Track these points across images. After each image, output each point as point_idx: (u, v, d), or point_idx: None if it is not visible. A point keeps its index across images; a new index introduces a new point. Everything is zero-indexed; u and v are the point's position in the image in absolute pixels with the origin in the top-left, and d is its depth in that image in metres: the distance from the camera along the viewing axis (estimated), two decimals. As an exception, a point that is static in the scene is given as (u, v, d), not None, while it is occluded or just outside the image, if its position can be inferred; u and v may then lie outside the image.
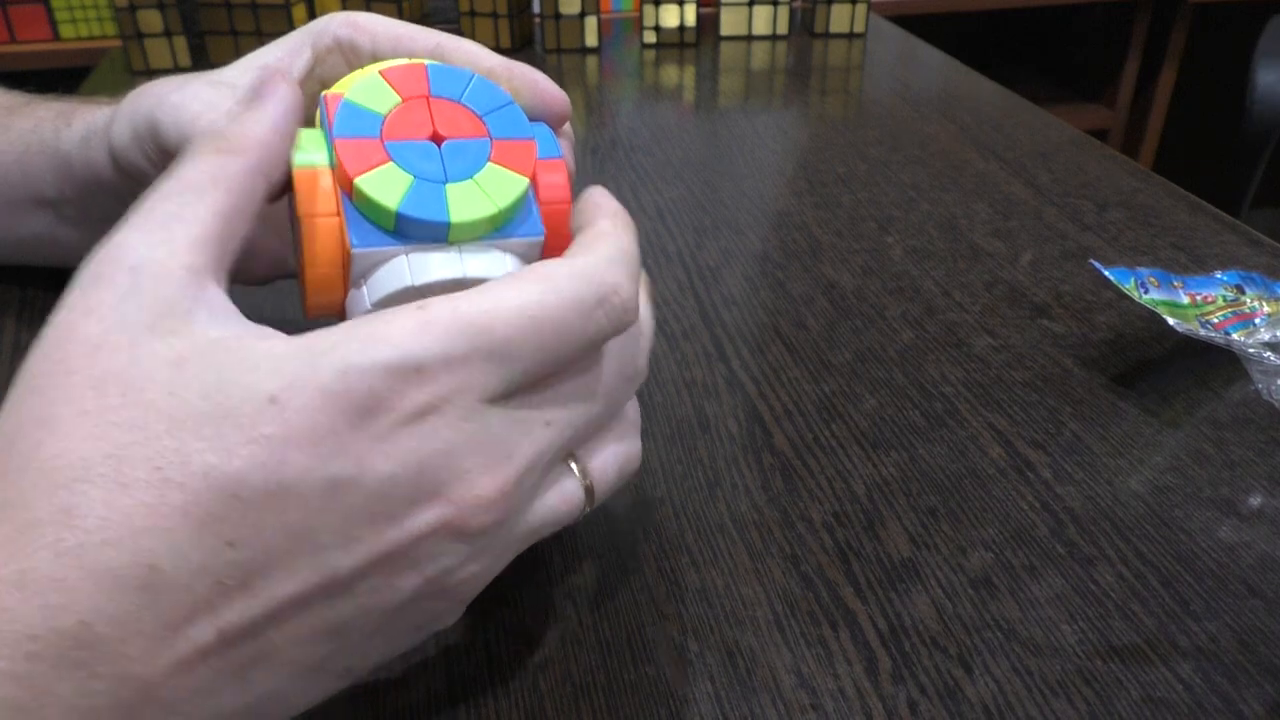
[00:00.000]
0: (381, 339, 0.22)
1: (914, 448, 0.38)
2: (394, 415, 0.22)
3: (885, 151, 0.65)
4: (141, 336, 0.22)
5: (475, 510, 0.23)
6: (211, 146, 0.25)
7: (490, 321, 0.23)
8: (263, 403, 0.21)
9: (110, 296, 0.22)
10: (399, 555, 0.23)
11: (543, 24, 0.88)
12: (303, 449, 0.21)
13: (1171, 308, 0.41)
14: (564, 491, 0.26)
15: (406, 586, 0.23)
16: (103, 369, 0.21)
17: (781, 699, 0.28)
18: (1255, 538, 0.33)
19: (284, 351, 0.22)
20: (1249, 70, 1.29)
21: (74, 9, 1.34)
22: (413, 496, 0.23)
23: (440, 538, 0.23)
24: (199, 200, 0.24)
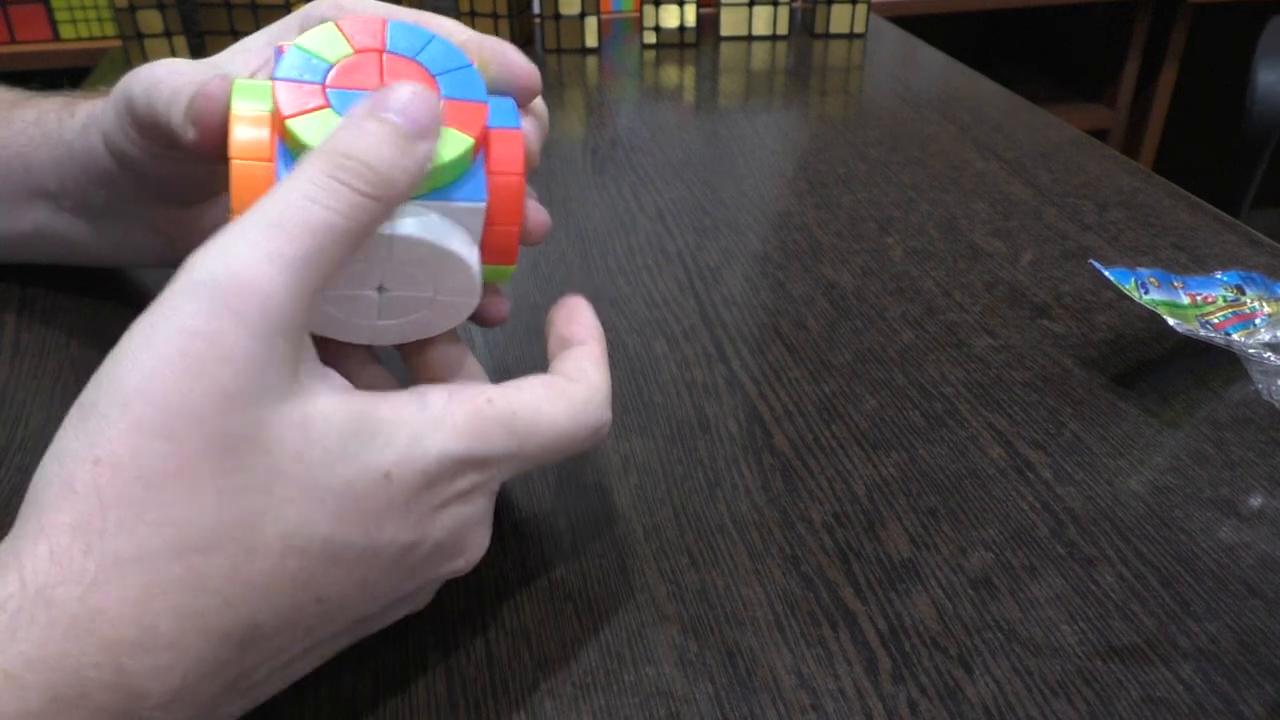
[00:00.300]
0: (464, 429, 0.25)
1: (914, 448, 0.38)
2: (453, 492, 0.25)
3: (885, 152, 0.65)
4: (270, 396, 0.22)
5: (474, 561, 0.28)
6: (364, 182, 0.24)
7: (533, 433, 0.27)
8: (378, 478, 0.23)
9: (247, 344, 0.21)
10: (416, 593, 0.27)
11: (543, 24, 0.88)
12: (396, 519, 0.24)
13: (1172, 308, 0.41)
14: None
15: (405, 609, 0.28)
16: (238, 427, 0.21)
17: (781, 699, 0.28)
18: (1255, 538, 0.33)
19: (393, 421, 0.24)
20: (1249, 70, 1.29)
21: (74, 9, 1.34)
22: (447, 556, 0.27)
23: (445, 578, 0.28)
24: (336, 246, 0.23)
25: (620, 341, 0.44)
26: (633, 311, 0.47)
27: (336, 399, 0.24)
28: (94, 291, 0.47)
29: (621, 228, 0.55)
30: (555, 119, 0.30)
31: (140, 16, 0.81)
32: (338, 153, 0.24)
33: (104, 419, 0.21)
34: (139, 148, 0.35)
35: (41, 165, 0.41)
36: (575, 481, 0.36)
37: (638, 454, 0.37)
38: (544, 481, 0.36)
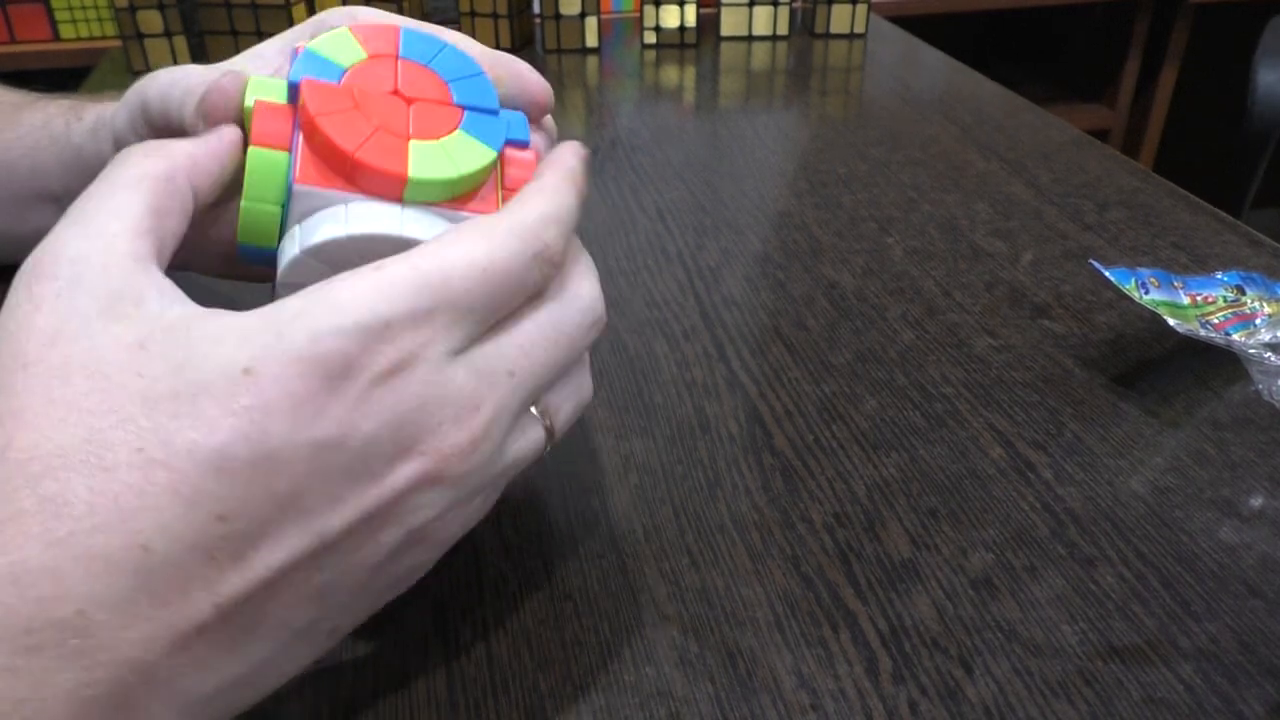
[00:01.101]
0: (346, 302, 0.22)
1: (914, 448, 0.38)
2: (368, 375, 0.22)
3: (886, 152, 0.65)
4: (96, 323, 0.22)
5: (450, 460, 0.24)
6: (140, 151, 0.25)
7: (446, 276, 0.23)
8: (237, 375, 0.21)
9: (54, 288, 0.22)
10: (383, 511, 0.23)
11: (543, 24, 0.88)
12: (283, 417, 0.21)
13: (1172, 308, 0.41)
14: (528, 435, 0.27)
15: (389, 540, 0.24)
16: (63, 357, 0.21)
17: (782, 700, 0.28)
18: (1256, 538, 0.33)
19: (248, 324, 0.22)
20: (1249, 70, 1.29)
21: (74, 9, 1.34)
22: (392, 453, 0.23)
23: (419, 490, 0.24)
24: (128, 196, 0.24)
25: (620, 341, 0.44)
26: (633, 311, 0.47)
27: (184, 313, 0.23)
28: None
29: (621, 228, 0.55)
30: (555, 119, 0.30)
31: (140, 16, 0.81)
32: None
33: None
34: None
35: (47, 168, 0.41)
36: (575, 481, 0.36)
37: (638, 454, 0.37)
38: (544, 482, 0.36)
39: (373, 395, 0.22)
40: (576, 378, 0.28)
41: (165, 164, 0.25)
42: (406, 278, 0.23)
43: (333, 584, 0.24)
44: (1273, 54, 1.29)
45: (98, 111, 0.39)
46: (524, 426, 0.27)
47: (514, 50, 0.89)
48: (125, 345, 0.22)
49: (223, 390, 0.21)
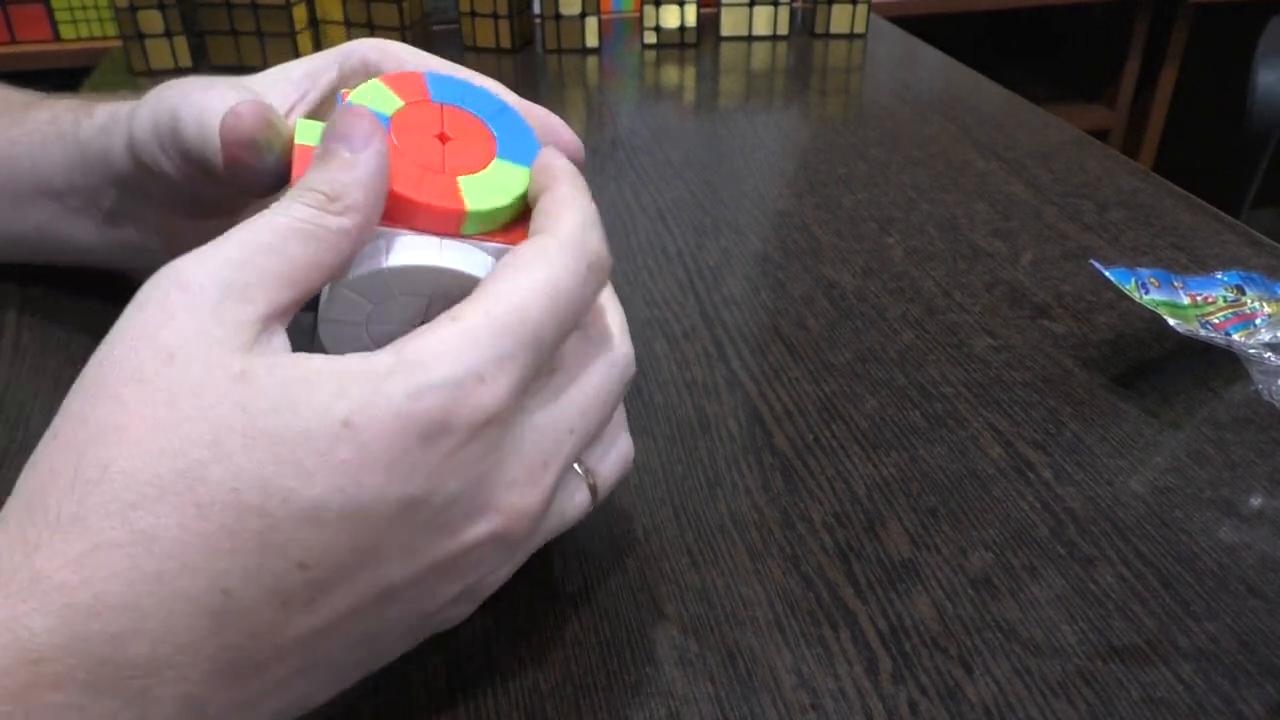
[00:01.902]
0: (438, 356, 0.22)
1: (914, 448, 0.38)
2: (460, 431, 0.22)
3: (886, 152, 0.65)
4: (214, 350, 0.22)
5: (520, 520, 0.24)
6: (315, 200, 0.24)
7: (523, 314, 0.23)
8: (337, 426, 0.21)
9: (191, 304, 0.22)
10: (450, 564, 0.24)
11: (543, 24, 0.88)
12: (379, 473, 0.21)
13: (1172, 308, 0.41)
14: (575, 495, 0.27)
15: (448, 593, 0.24)
16: (177, 380, 0.21)
17: (782, 699, 0.28)
18: (1256, 538, 0.33)
19: (345, 371, 0.22)
20: (1249, 70, 1.29)
21: (74, 9, 1.34)
22: (470, 510, 0.23)
23: (487, 546, 0.24)
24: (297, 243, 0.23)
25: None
26: (633, 311, 0.47)
27: (285, 356, 0.22)
28: (94, 291, 0.47)
29: (621, 228, 0.55)
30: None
31: (140, 16, 0.81)
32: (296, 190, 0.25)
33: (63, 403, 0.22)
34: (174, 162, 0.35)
35: (52, 164, 0.41)
36: (575, 481, 0.36)
37: (638, 454, 0.37)
38: (544, 481, 0.36)
39: (462, 452, 0.23)
40: (620, 439, 0.29)
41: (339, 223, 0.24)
42: (483, 324, 0.23)
43: (386, 630, 0.24)
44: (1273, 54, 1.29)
45: (110, 110, 0.39)
46: (571, 487, 0.27)
47: (514, 50, 0.89)
48: (230, 374, 0.21)
49: (323, 442, 0.21)
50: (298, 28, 0.82)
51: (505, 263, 0.25)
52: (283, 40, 0.82)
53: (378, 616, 0.23)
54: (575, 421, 0.26)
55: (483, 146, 0.28)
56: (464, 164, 0.27)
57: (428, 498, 0.22)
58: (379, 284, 0.26)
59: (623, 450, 0.29)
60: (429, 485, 0.22)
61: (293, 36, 0.82)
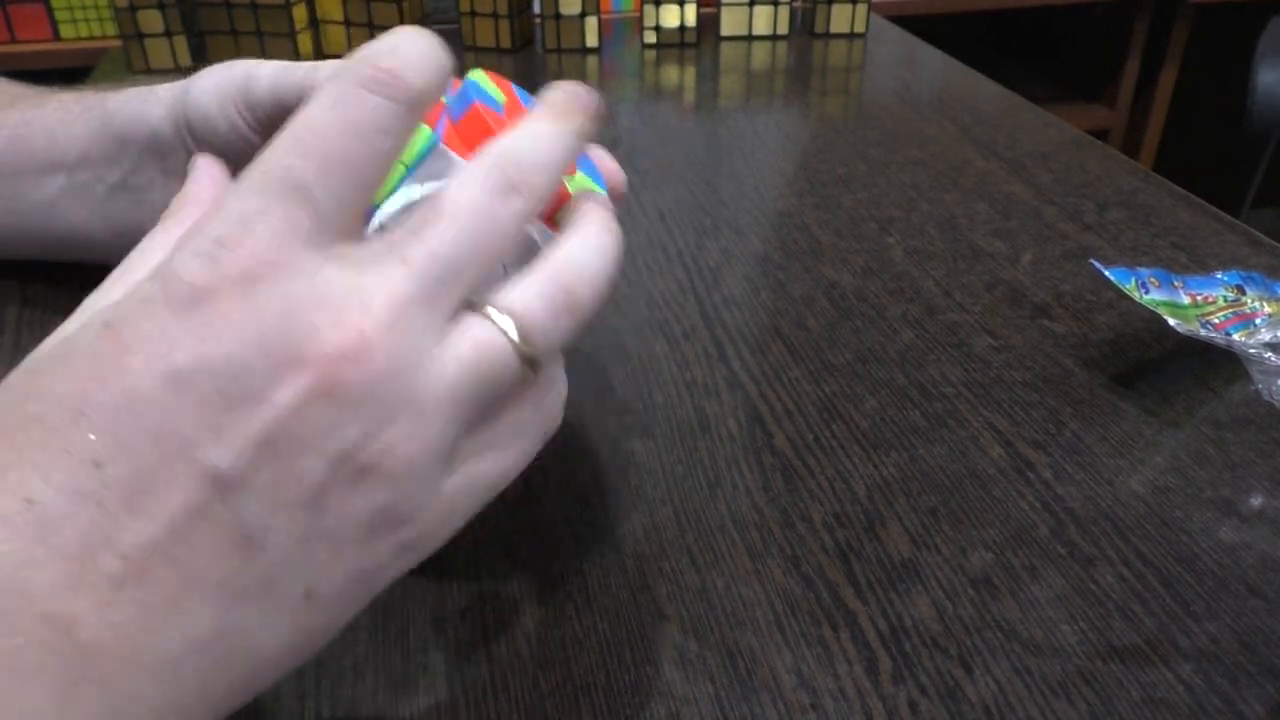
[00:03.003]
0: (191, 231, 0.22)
1: (914, 448, 0.38)
2: (219, 292, 0.21)
3: (885, 152, 0.65)
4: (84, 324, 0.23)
5: (339, 367, 0.21)
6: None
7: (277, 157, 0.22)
8: (100, 330, 0.22)
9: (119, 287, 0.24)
10: (281, 436, 0.21)
11: (543, 24, 0.88)
12: (136, 354, 0.21)
13: (1172, 308, 0.41)
14: (475, 337, 0.23)
15: (310, 471, 0.22)
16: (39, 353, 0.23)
17: (782, 699, 0.28)
18: (1256, 538, 0.33)
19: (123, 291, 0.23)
20: (1249, 70, 1.29)
21: (74, 9, 1.34)
22: (266, 370, 0.21)
23: (315, 406, 0.21)
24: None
25: (620, 342, 0.44)
26: (633, 311, 0.47)
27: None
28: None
29: (622, 228, 0.55)
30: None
31: (140, 16, 0.81)
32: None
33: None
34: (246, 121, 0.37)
35: (69, 135, 0.43)
36: (575, 482, 0.36)
37: (638, 454, 0.37)
38: (544, 482, 0.36)
39: (223, 310, 0.21)
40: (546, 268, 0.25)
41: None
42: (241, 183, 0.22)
43: (261, 526, 0.22)
44: (1273, 54, 1.29)
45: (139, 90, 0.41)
46: (466, 329, 0.23)
47: (514, 50, 0.89)
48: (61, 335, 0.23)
49: (87, 344, 0.22)
50: (298, 28, 0.82)
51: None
52: (283, 40, 0.82)
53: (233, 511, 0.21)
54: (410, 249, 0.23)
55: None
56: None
57: (200, 366, 0.21)
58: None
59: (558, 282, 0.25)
60: (195, 353, 0.21)
61: (293, 36, 0.82)
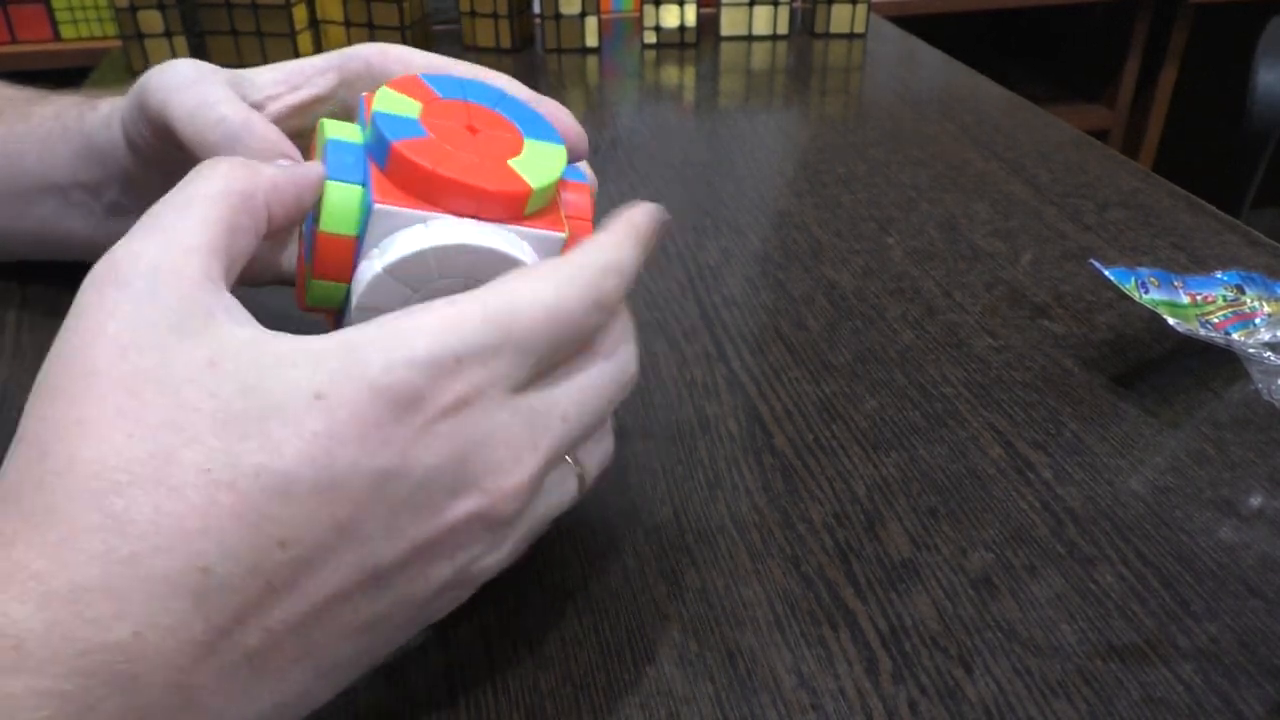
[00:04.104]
0: (418, 334, 0.23)
1: (914, 448, 0.38)
2: (435, 407, 0.23)
3: (885, 152, 0.65)
4: (169, 337, 0.22)
5: (505, 500, 0.24)
6: (225, 165, 0.25)
7: (514, 313, 0.24)
8: (308, 399, 0.21)
9: (129, 298, 0.22)
10: (436, 545, 0.23)
11: (543, 24, 0.88)
12: (350, 444, 0.21)
13: (1172, 308, 0.41)
14: (565, 484, 0.27)
15: (438, 577, 0.24)
16: (133, 369, 0.21)
17: (782, 699, 0.28)
18: (1255, 538, 0.33)
19: (320, 349, 0.22)
20: (1249, 70, 1.29)
21: (74, 9, 1.34)
22: (452, 487, 0.23)
23: (473, 527, 0.24)
24: (207, 210, 0.24)
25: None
26: (633, 311, 0.47)
27: (254, 335, 0.23)
28: (94, 291, 0.47)
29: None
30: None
31: (140, 16, 0.81)
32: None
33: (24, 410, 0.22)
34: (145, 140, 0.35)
35: (56, 158, 0.42)
36: (575, 481, 0.36)
37: (638, 454, 0.37)
38: (544, 481, 0.36)
39: (438, 428, 0.23)
40: (605, 430, 0.29)
41: (248, 183, 0.25)
42: (475, 313, 0.23)
43: (381, 617, 0.24)
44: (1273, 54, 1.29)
45: (112, 102, 0.40)
46: (562, 474, 0.27)
47: (514, 50, 0.89)
48: (196, 363, 0.21)
49: (293, 414, 0.21)
50: (298, 28, 0.82)
51: (520, 269, 0.25)
52: (283, 40, 0.82)
53: (370, 603, 0.23)
54: (569, 411, 0.26)
55: (507, 129, 0.29)
56: (503, 149, 0.28)
57: (403, 472, 0.22)
58: (420, 266, 0.26)
59: (607, 447, 0.29)
60: (403, 459, 0.22)
61: (293, 36, 0.82)
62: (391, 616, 0.24)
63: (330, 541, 0.22)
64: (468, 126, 0.28)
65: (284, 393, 0.21)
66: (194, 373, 0.21)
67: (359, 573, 0.22)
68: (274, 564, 0.21)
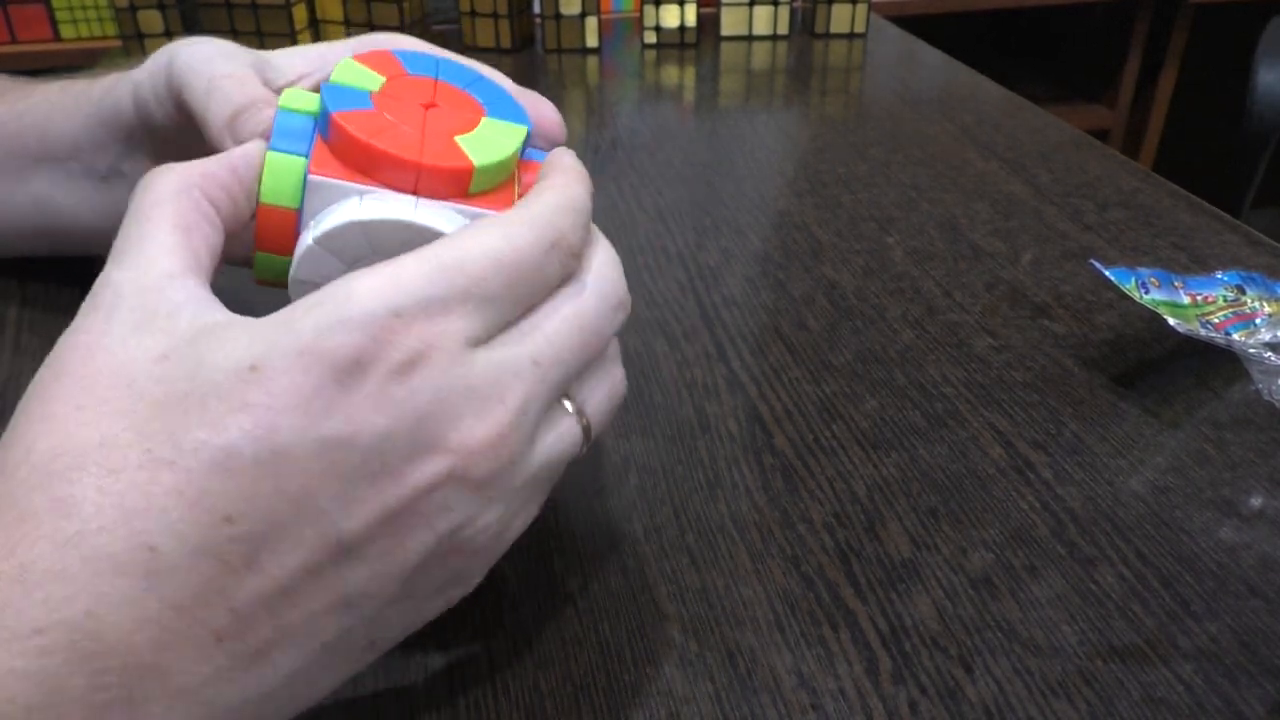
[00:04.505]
0: (356, 295, 0.22)
1: (915, 448, 0.38)
2: (381, 368, 0.22)
3: (885, 152, 0.65)
4: (130, 337, 0.22)
5: (476, 457, 0.23)
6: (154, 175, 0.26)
7: (460, 264, 0.23)
8: (244, 372, 0.21)
9: (99, 313, 0.23)
10: (404, 512, 0.23)
11: (543, 24, 0.88)
12: (291, 413, 0.21)
13: (1172, 308, 0.41)
14: (560, 429, 0.26)
15: (418, 545, 0.23)
16: (95, 368, 0.22)
17: (782, 699, 0.28)
18: (1256, 538, 0.33)
19: (260, 323, 0.22)
20: (1249, 70, 1.29)
21: (74, 9, 1.34)
22: (410, 450, 0.22)
23: (444, 490, 0.23)
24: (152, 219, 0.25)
25: (620, 341, 0.44)
26: (633, 311, 0.47)
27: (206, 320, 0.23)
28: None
29: (621, 228, 0.55)
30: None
31: (140, 16, 0.81)
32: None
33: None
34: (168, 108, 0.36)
35: (59, 127, 0.42)
36: (575, 481, 0.36)
37: (638, 454, 0.37)
38: (544, 481, 0.36)
39: (387, 390, 0.22)
40: (606, 367, 0.28)
41: (178, 182, 0.25)
42: (415, 267, 0.23)
43: (361, 592, 0.23)
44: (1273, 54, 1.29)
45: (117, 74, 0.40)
46: (555, 421, 0.26)
47: (514, 50, 0.89)
48: (151, 356, 0.22)
49: (229, 389, 0.21)
50: (298, 28, 0.82)
51: (466, 226, 0.25)
52: (283, 40, 0.82)
53: (343, 577, 0.22)
54: (540, 351, 0.25)
55: (470, 108, 0.28)
56: (456, 125, 0.27)
57: (352, 438, 0.22)
58: (351, 239, 0.25)
59: (614, 383, 0.28)
60: (350, 425, 0.22)
61: (293, 36, 0.82)
62: (374, 591, 0.23)
63: (282, 516, 0.21)
64: (427, 103, 0.28)
65: (222, 369, 0.21)
66: (148, 366, 0.22)
67: (322, 545, 0.22)
68: (223, 540, 0.21)
